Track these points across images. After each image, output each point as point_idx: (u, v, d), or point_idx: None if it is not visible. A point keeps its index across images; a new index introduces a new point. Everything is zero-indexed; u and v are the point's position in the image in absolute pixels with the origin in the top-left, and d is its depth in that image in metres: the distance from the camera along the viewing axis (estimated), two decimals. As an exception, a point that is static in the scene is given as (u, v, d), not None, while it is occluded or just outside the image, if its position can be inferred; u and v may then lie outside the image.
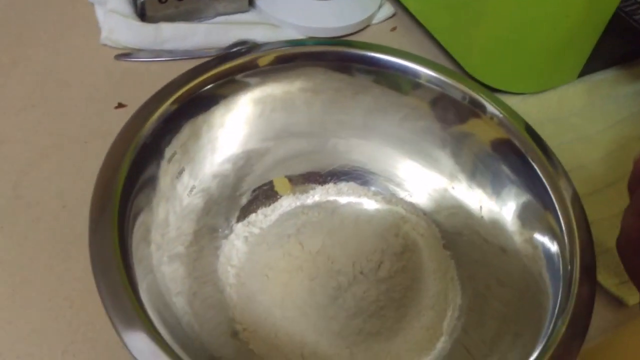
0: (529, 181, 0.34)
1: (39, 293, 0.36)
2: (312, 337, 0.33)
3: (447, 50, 0.54)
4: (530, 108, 0.51)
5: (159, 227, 0.34)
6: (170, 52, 0.51)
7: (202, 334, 0.32)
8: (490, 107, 0.35)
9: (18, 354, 0.34)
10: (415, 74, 0.37)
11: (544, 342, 0.27)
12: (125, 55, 0.50)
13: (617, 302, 0.41)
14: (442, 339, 0.35)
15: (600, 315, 0.40)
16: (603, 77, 0.54)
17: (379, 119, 0.39)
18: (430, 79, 0.37)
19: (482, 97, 0.36)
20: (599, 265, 0.41)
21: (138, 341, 0.25)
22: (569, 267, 0.30)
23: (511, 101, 0.51)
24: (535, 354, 0.27)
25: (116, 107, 0.47)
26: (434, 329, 0.35)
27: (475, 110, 0.36)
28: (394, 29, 0.58)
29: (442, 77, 0.36)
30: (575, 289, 0.29)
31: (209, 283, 0.36)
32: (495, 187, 0.36)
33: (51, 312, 0.35)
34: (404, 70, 0.37)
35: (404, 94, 0.38)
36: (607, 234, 0.43)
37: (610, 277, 0.41)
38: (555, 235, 0.33)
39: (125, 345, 0.25)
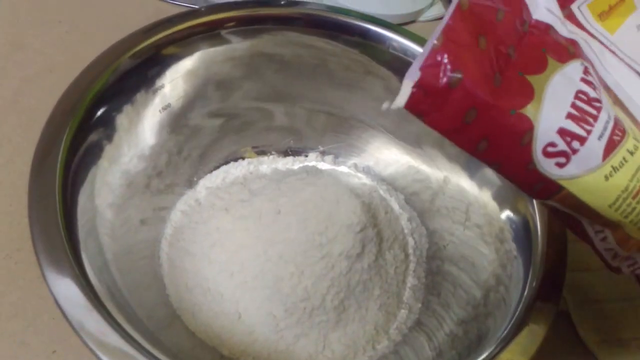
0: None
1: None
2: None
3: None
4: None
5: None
6: (206, 1, 0.50)
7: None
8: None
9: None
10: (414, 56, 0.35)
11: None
12: (162, -6, 0.50)
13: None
14: (385, 343, 0.33)
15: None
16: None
17: (361, 99, 0.38)
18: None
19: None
20: (582, 316, 0.38)
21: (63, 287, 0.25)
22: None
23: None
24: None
25: (138, 42, 0.46)
26: (376, 331, 0.32)
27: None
28: (441, 30, 0.55)
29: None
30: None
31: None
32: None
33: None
34: (405, 51, 0.35)
35: (393, 73, 0.36)
36: (602, 286, 0.40)
37: (592, 332, 0.38)
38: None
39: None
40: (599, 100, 0.22)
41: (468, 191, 0.36)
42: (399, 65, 0.36)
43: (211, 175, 0.38)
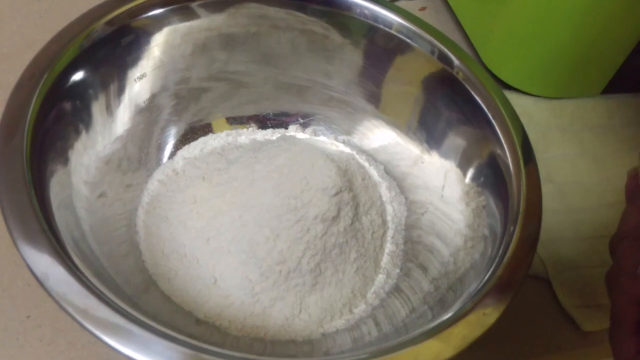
0: (486, 143, 0.33)
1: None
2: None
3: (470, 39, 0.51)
4: (541, 112, 0.48)
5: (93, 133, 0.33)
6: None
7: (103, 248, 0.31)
8: (458, 62, 0.33)
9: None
10: (387, 23, 0.35)
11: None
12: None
13: (575, 324, 0.37)
14: (362, 307, 0.33)
15: (555, 333, 0.37)
16: (630, 100, 0.50)
17: (338, 69, 0.38)
18: (401, 29, 0.35)
19: (451, 51, 0.34)
20: (562, 282, 0.38)
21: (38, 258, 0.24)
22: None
23: (523, 102, 0.48)
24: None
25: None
26: (353, 295, 0.32)
27: (443, 65, 0.34)
28: (423, 8, 0.55)
29: (413, 28, 0.34)
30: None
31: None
32: (451, 148, 0.35)
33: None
34: (375, 18, 0.35)
35: (365, 41, 0.36)
36: (582, 254, 0.40)
37: (572, 297, 0.38)
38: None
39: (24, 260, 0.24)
40: None
41: (444, 161, 0.36)
42: (371, 33, 0.36)
43: (189, 146, 0.38)
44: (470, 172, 0.34)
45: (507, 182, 0.30)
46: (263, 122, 0.40)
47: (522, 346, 0.36)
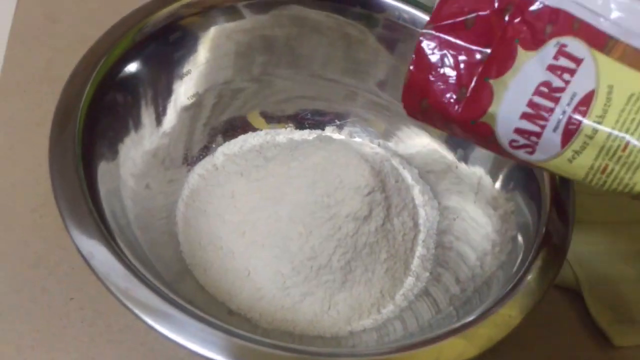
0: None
1: (21, 155, 0.38)
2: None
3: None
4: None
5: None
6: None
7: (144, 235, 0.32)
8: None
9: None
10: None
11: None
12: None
13: (606, 339, 0.37)
14: (390, 308, 0.33)
15: (586, 347, 0.37)
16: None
17: (375, 72, 0.39)
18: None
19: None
20: (595, 296, 0.38)
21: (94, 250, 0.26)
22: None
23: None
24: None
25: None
26: (382, 295, 0.33)
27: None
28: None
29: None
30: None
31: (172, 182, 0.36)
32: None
33: (28, 172, 0.37)
34: (413, 22, 0.36)
35: (403, 45, 0.37)
36: (616, 268, 0.39)
37: (604, 311, 0.37)
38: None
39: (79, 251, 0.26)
40: (561, 89, 0.24)
41: (477, 167, 0.37)
42: (409, 36, 0.36)
43: (229, 143, 0.39)
44: (500, 177, 0.34)
45: (540, 184, 0.30)
46: (301, 122, 0.41)
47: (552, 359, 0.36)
